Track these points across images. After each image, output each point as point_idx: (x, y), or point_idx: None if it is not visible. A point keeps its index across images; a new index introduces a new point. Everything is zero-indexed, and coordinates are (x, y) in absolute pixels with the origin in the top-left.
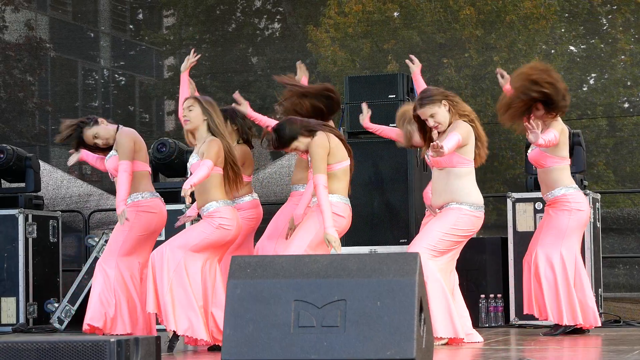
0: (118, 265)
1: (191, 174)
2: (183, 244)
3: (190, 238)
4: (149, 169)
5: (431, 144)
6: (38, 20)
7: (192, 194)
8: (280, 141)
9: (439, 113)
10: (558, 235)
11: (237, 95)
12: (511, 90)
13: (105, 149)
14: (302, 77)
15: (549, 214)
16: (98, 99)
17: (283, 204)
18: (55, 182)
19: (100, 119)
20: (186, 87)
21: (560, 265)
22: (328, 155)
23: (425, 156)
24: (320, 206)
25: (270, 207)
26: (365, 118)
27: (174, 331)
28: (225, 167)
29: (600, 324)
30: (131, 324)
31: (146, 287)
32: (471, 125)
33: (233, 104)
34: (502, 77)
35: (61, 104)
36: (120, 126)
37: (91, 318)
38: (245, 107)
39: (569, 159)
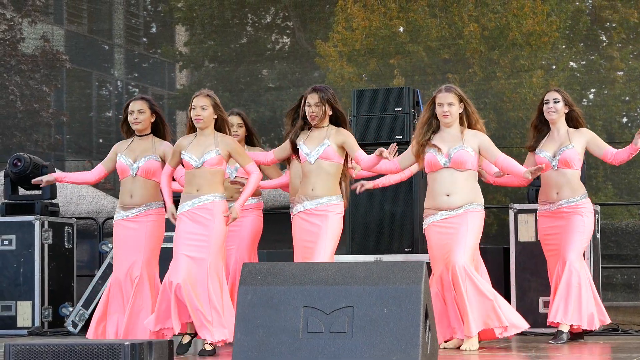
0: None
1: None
2: (215, 252)
3: (217, 242)
4: None
5: (536, 167)
6: (54, 33)
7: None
8: (325, 92)
9: (455, 107)
10: (587, 238)
11: None
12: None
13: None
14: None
15: (580, 215)
16: (112, 109)
17: (287, 208)
18: (65, 198)
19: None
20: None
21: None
22: None
23: (436, 155)
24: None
25: (276, 215)
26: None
27: (188, 338)
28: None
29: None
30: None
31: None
32: None
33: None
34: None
35: (76, 114)
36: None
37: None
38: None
39: None
